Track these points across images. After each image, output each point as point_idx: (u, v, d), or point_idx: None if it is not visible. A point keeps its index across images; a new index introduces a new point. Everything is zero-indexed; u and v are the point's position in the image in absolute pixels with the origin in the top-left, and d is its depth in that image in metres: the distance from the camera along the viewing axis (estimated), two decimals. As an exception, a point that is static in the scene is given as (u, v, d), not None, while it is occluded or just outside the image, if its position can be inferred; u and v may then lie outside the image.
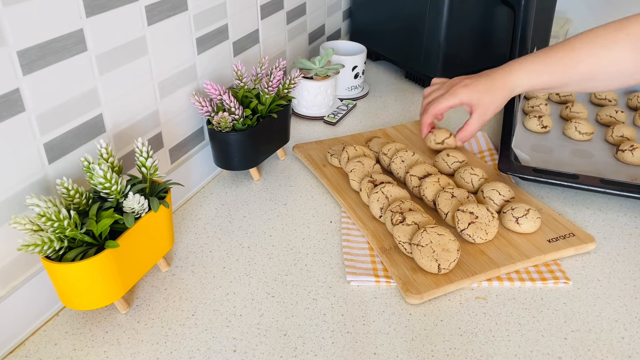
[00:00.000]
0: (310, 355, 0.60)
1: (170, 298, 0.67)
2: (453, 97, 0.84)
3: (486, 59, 1.21)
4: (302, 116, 1.09)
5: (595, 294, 0.68)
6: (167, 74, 0.77)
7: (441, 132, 0.92)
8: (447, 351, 0.60)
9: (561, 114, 1.06)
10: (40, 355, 0.60)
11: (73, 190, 0.59)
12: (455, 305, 0.66)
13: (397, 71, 1.30)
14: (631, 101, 1.10)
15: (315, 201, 0.85)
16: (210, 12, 0.83)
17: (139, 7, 0.69)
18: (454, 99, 0.84)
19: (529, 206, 0.76)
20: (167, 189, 0.67)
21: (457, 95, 0.84)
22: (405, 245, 0.70)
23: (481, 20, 1.14)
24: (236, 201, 0.85)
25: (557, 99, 1.12)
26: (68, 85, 0.61)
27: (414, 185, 0.83)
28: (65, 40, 0.60)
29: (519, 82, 0.82)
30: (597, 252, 0.74)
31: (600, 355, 0.60)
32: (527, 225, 0.74)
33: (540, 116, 1.01)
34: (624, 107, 1.09)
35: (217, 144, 0.85)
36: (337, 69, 1.07)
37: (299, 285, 0.69)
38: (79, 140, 0.65)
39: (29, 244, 0.54)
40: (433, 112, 0.86)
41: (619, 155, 0.92)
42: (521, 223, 0.74)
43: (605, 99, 1.10)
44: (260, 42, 1.00)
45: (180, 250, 0.75)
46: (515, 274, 0.70)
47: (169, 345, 0.61)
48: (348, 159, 0.88)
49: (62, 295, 0.60)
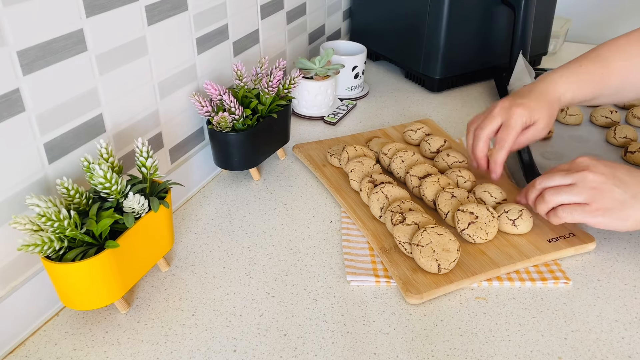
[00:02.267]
0: (310, 355, 0.60)
1: (170, 298, 0.68)
2: (515, 121, 0.76)
3: (486, 59, 1.21)
4: (302, 116, 1.09)
5: (595, 294, 0.68)
6: (167, 74, 0.77)
7: (435, 139, 0.92)
8: (447, 351, 0.60)
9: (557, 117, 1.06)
10: (40, 355, 0.60)
11: (73, 190, 0.59)
12: (455, 305, 0.66)
13: (397, 71, 1.30)
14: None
15: (315, 201, 0.85)
16: (210, 12, 0.83)
17: (139, 7, 0.69)
18: (518, 124, 0.76)
19: (521, 207, 0.76)
20: (167, 189, 0.67)
21: (518, 119, 0.76)
22: (405, 245, 0.70)
23: (481, 20, 1.14)
24: (236, 201, 0.85)
25: None
26: (68, 85, 0.61)
27: (414, 185, 0.83)
28: (65, 40, 0.60)
29: (565, 94, 0.79)
30: (597, 252, 0.74)
31: (600, 355, 0.60)
32: (523, 226, 0.74)
33: None
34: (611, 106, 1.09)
35: (217, 144, 0.85)
36: (337, 69, 1.07)
37: (299, 285, 0.69)
38: (79, 140, 0.65)
39: (29, 244, 0.54)
40: (507, 147, 0.77)
41: (629, 157, 0.91)
42: (518, 225, 0.74)
43: None
44: (260, 42, 1.00)
45: (180, 250, 0.75)
46: (515, 274, 0.70)
47: (169, 345, 0.61)
48: (348, 159, 0.88)
49: (62, 295, 0.60)
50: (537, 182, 0.74)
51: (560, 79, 0.80)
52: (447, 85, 1.20)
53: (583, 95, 0.80)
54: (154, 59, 0.73)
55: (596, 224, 0.69)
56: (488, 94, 1.19)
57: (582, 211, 0.69)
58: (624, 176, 0.69)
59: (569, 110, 1.04)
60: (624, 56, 0.78)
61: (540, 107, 0.77)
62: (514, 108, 0.77)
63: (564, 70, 0.81)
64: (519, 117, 0.76)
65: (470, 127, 0.82)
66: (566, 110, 1.04)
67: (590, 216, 0.69)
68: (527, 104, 0.77)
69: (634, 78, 0.79)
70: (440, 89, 1.19)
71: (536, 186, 0.74)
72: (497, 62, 1.22)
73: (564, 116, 1.04)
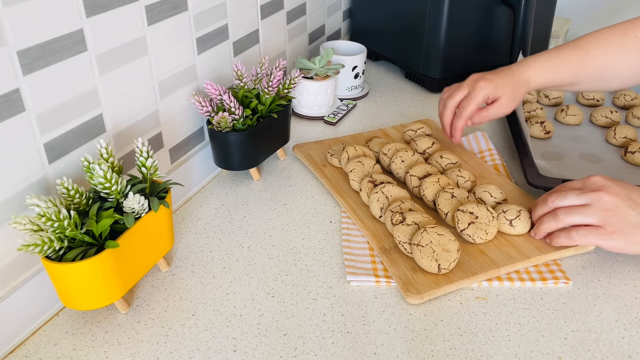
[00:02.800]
0: (310, 355, 0.60)
1: (170, 298, 0.68)
2: (478, 92, 0.82)
3: (486, 59, 1.21)
4: (302, 116, 1.09)
5: (595, 294, 0.68)
6: (167, 74, 0.77)
7: (423, 140, 0.92)
8: (447, 351, 0.60)
9: (556, 116, 1.06)
10: (40, 355, 0.60)
11: (73, 190, 0.59)
12: (455, 305, 0.66)
13: (397, 71, 1.30)
14: (618, 100, 1.10)
15: (315, 201, 0.85)
16: (210, 12, 0.83)
17: (139, 7, 0.69)
18: (480, 95, 0.82)
19: (520, 207, 0.76)
20: (167, 189, 0.67)
21: (481, 90, 0.82)
22: (405, 245, 0.70)
23: (481, 20, 1.14)
24: (236, 201, 0.85)
25: (547, 102, 1.11)
26: (68, 85, 0.61)
27: (414, 185, 0.83)
28: (65, 40, 0.60)
29: (535, 78, 0.83)
30: (597, 252, 0.74)
31: (600, 355, 0.60)
32: (521, 226, 0.74)
33: (542, 122, 1.00)
34: (611, 106, 1.09)
35: (217, 144, 0.85)
36: (337, 69, 1.07)
37: (299, 285, 0.69)
38: (79, 140, 0.65)
39: (29, 244, 0.54)
40: (466, 115, 0.84)
41: (629, 157, 0.91)
42: (515, 225, 0.74)
43: (594, 99, 1.10)
44: (260, 42, 1.00)
45: (180, 250, 0.75)
46: (515, 274, 0.70)
47: (169, 345, 0.61)
48: (348, 159, 0.88)
49: (62, 295, 0.60)
50: (550, 200, 0.72)
51: (534, 63, 0.83)
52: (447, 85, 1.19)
53: (558, 80, 0.83)
54: (154, 59, 0.73)
55: (610, 247, 0.69)
56: (488, 94, 1.19)
57: (596, 234, 0.68)
58: (639, 198, 0.68)
59: (569, 110, 1.04)
60: (606, 44, 0.80)
61: (505, 84, 0.82)
62: (480, 81, 0.83)
63: (542, 55, 0.84)
64: (482, 90, 0.82)
65: (442, 96, 0.89)
66: (566, 110, 1.04)
67: (604, 239, 0.68)
68: (493, 79, 0.83)
69: (615, 67, 0.81)
70: (441, 89, 1.19)
71: (548, 203, 0.72)
72: (497, 62, 1.22)
73: (564, 116, 1.04)
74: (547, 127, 0.99)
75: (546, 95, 1.12)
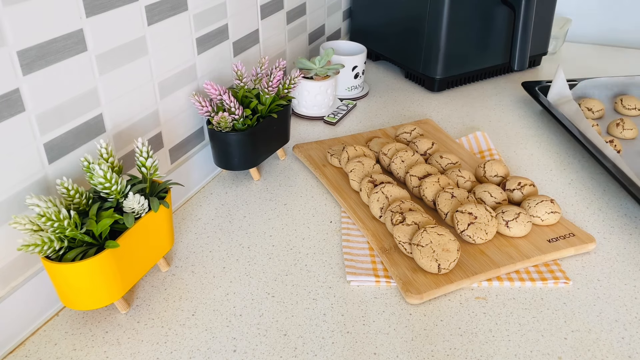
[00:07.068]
0: (310, 355, 0.60)
1: (170, 298, 0.68)
2: None
3: (486, 59, 1.21)
4: (302, 116, 1.09)
5: (595, 294, 0.68)
6: (167, 74, 0.77)
7: (423, 141, 0.92)
8: (447, 351, 0.60)
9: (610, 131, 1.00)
10: (40, 355, 0.60)
11: (73, 190, 0.59)
12: (455, 305, 0.66)
13: (397, 71, 1.31)
14: None
15: (315, 201, 0.85)
16: (210, 12, 0.83)
17: (139, 7, 0.69)
18: None
19: (520, 209, 0.75)
20: (167, 189, 0.67)
21: None
22: (405, 245, 0.70)
23: (481, 20, 1.14)
24: (236, 201, 0.85)
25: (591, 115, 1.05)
26: (68, 85, 0.61)
27: (414, 185, 0.83)
28: (65, 40, 0.60)
29: None
30: (597, 252, 0.74)
31: (600, 355, 0.60)
32: (516, 229, 0.74)
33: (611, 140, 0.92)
34: None
35: (217, 144, 0.85)
36: (337, 69, 1.07)
37: (299, 285, 0.69)
38: (79, 140, 0.65)
39: (29, 244, 0.54)
40: None
41: None
42: (511, 227, 0.74)
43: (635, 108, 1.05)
44: (260, 42, 1.00)
45: (180, 250, 0.75)
46: (515, 274, 0.70)
47: (169, 345, 0.61)
48: (348, 159, 0.88)
49: (62, 295, 0.60)
50: None
51: None
52: (447, 85, 1.20)
53: None
54: (154, 59, 0.74)
55: None
56: (488, 94, 1.19)
57: None
58: None
59: (624, 124, 0.98)
60: None
61: None
62: None
63: None
64: None
65: None
66: (622, 124, 0.98)
67: None
68: None
69: None
70: (440, 89, 1.19)
71: None
72: (497, 62, 1.22)
73: (620, 131, 0.98)
74: (617, 146, 0.92)
75: (589, 109, 1.05)
